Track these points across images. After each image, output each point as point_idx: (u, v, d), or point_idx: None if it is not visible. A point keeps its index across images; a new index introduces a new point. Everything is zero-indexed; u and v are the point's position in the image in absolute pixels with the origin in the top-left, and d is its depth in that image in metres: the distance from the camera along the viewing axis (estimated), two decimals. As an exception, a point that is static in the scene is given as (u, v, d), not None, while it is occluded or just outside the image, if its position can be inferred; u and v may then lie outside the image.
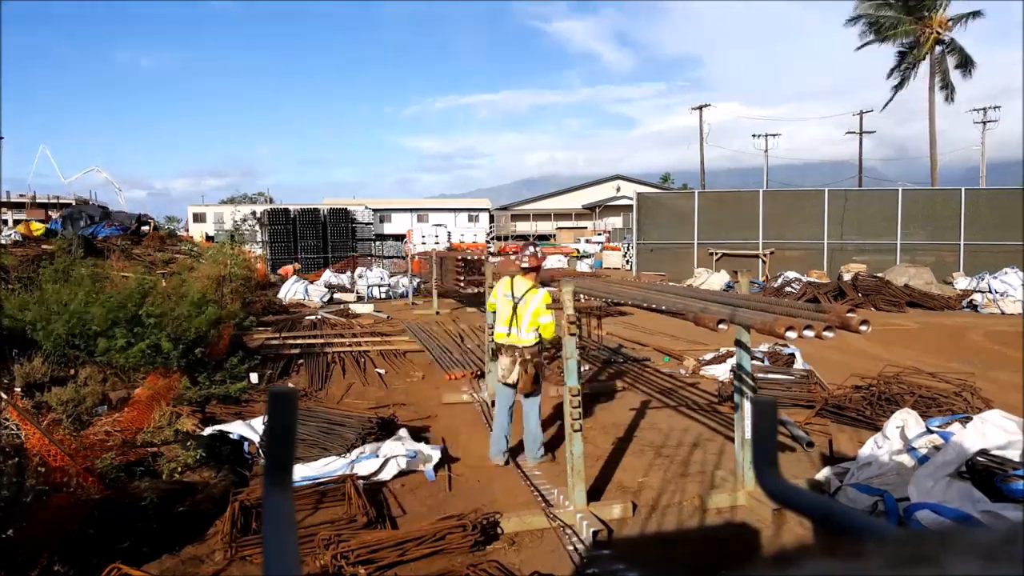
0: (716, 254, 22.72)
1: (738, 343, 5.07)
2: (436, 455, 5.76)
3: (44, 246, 16.37)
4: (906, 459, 4.63)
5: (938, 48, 32.84)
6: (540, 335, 5.80)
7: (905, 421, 4.97)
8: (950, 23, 32.36)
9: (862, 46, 33.80)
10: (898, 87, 34.64)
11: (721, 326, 3.95)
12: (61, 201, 50.56)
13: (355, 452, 5.61)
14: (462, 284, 16.11)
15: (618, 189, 59.57)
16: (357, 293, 20.67)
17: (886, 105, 35.48)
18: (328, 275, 21.92)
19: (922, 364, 8.36)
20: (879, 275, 18.31)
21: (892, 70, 34.58)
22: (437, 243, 28.15)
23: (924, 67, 33.41)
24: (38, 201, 50.62)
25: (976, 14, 32.10)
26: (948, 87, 33.32)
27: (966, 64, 32.49)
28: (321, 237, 29.53)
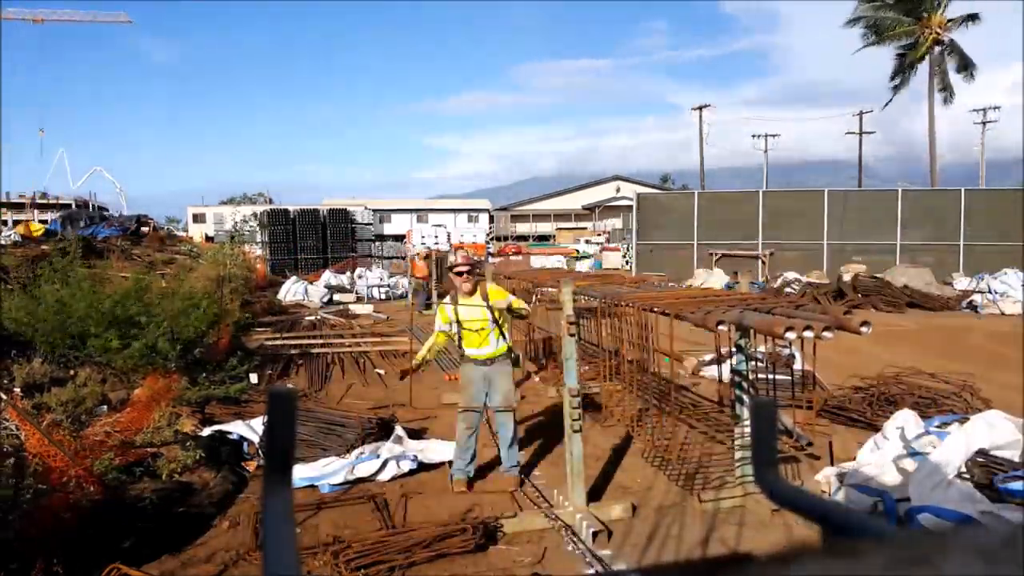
0: (716, 254, 22.73)
1: (738, 345, 5.08)
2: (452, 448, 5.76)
3: (43, 247, 16.37)
4: (906, 460, 4.63)
5: (937, 49, 32.82)
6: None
7: (905, 422, 4.97)
8: (949, 24, 32.35)
9: (861, 48, 33.78)
10: (897, 88, 34.60)
11: (721, 327, 3.95)
12: (61, 202, 50.60)
13: (355, 453, 5.61)
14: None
15: (618, 190, 59.59)
16: (357, 294, 20.67)
17: (886, 106, 35.42)
18: (328, 276, 21.94)
19: (922, 365, 8.36)
20: (879, 276, 18.31)
21: (894, 74, 34.48)
22: (437, 243, 28.16)
23: (924, 68, 33.40)
24: (38, 202, 50.66)
25: (974, 17, 32.03)
26: (947, 88, 33.28)
27: (966, 67, 32.44)
28: (321, 238, 29.54)
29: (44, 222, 31.81)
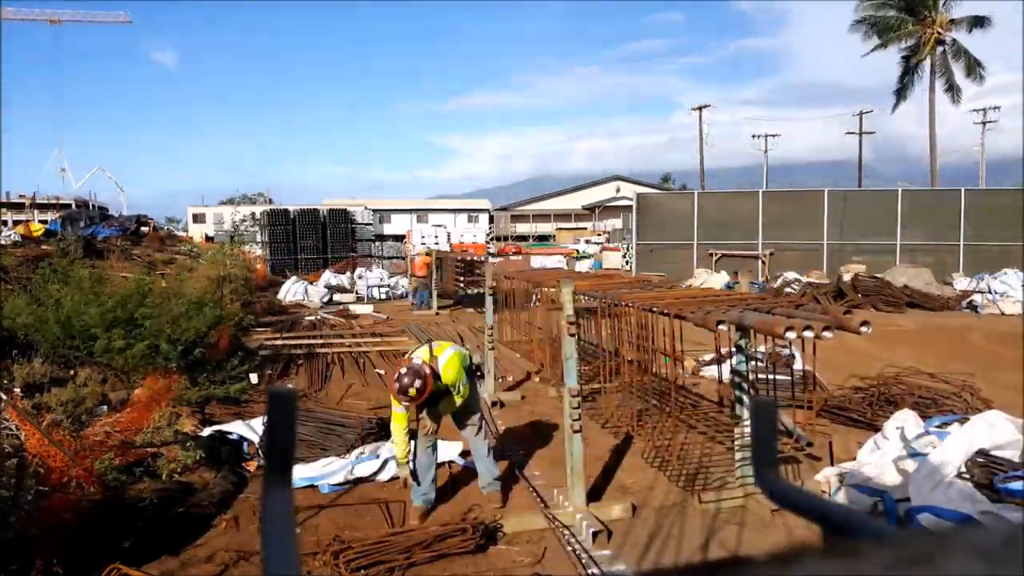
0: (716, 254, 22.72)
1: (738, 345, 5.07)
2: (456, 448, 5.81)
3: (44, 247, 16.37)
4: (906, 460, 4.63)
5: (939, 49, 32.73)
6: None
7: (905, 422, 4.97)
8: (951, 24, 32.25)
9: (868, 53, 33.56)
10: (901, 91, 34.46)
11: (721, 327, 3.95)
12: (61, 202, 50.63)
13: (355, 453, 5.61)
14: (462, 285, 16.13)
15: (618, 190, 59.57)
16: (357, 294, 20.67)
17: (895, 107, 35.04)
18: (328, 276, 21.94)
19: (922, 365, 8.35)
20: (879, 276, 18.30)
21: (900, 78, 34.31)
22: (437, 243, 28.18)
23: (925, 67, 33.29)
24: (38, 202, 50.65)
25: (981, 21, 31.77)
26: (953, 88, 33.14)
27: (973, 68, 32.25)
28: (321, 238, 29.51)
29: (44, 222, 31.83)
